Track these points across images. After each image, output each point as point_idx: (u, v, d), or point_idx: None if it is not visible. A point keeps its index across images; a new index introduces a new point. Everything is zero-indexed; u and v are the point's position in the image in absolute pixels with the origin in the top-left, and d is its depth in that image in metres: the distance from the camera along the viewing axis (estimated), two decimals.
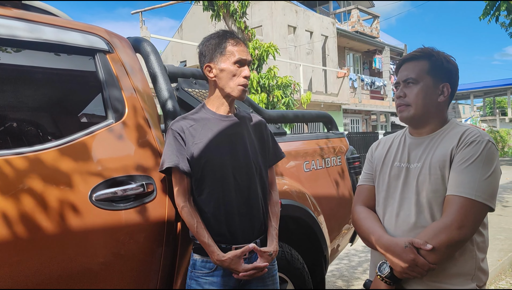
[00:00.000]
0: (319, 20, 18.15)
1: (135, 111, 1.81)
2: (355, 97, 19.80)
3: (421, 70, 1.50)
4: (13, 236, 1.37)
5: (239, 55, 1.64)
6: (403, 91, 1.53)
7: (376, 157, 1.67)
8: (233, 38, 1.67)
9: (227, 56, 1.64)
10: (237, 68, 1.65)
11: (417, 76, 1.50)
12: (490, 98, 36.93)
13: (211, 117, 1.70)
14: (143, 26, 12.15)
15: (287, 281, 2.18)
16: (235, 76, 1.65)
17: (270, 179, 1.85)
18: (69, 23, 1.76)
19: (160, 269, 1.74)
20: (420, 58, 1.52)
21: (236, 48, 1.65)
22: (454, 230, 1.33)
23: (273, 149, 1.87)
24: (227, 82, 1.65)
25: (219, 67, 1.65)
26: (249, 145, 1.72)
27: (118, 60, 1.85)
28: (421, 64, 1.51)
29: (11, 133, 1.81)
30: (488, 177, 1.36)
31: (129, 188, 1.65)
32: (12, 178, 1.41)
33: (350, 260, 4.67)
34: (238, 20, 8.00)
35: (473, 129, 1.44)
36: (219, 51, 1.65)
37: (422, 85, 1.49)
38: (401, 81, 1.54)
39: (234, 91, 1.66)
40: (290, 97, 8.68)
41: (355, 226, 1.66)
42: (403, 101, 1.52)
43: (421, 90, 1.49)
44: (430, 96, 1.49)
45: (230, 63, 1.64)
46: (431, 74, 1.50)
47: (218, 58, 1.65)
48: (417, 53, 1.54)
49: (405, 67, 1.55)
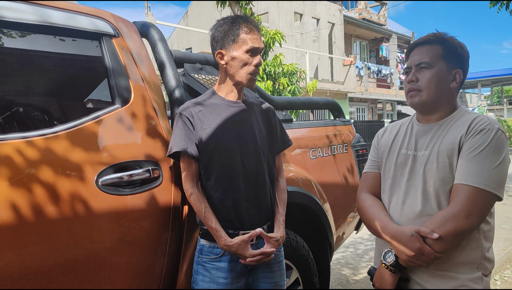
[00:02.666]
0: (326, 7, 17.97)
1: (141, 97, 1.80)
2: (361, 85, 19.67)
3: (435, 54, 1.46)
4: (20, 220, 1.37)
5: (251, 44, 1.62)
6: (415, 75, 1.48)
7: (383, 143, 1.65)
8: (247, 25, 1.64)
9: (240, 44, 1.62)
10: (249, 57, 1.63)
11: (431, 60, 1.45)
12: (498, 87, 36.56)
13: (220, 103, 1.69)
14: (149, 13, 12.08)
15: (292, 268, 2.18)
16: (246, 64, 1.63)
17: (278, 165, 1.84)
18: (74, 6, 1.74)
19: (166, 254, 1.74)
20: (433, 43, 1.48)
21: (249, 36, 1.62)
22: (462, 219, 1.31)
23: (281, 136, 1.86)
24: (238, 71, 1.64)
25: (231, 54, 1.63)
26: (257, 131, 1.71)
27: (124, 45, 1.84)
28: (435, 49, 1.47)
29: (17, 118, 1.80)
30: (497, 165, 1.34)
31: (135, 173, 1.65)
32: (18, 162, 1.41)
33: (356, 248, 4.68)
34: (244, 6, 7.92)
35: (482, 117, 1.41)
36: (231, 38, 1.63)
37: (436, 70, 1.45)
38: (413, 66, 1.49)
39: (244, 79, 1.65)
40: (296, 85, 8.65)
41: (360, 213, 1.65)
42: (415, 86, 1.48)
43: (434, 75, 1.45)
44: (443, 81, 1.46)
45: (242, 51, 1.62)
46: (445, 59, 1.46)
47: (230, 46, 1.63)
48: (431, 37, 1.49)
49: (418, 51, 1.50)
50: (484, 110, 23.12)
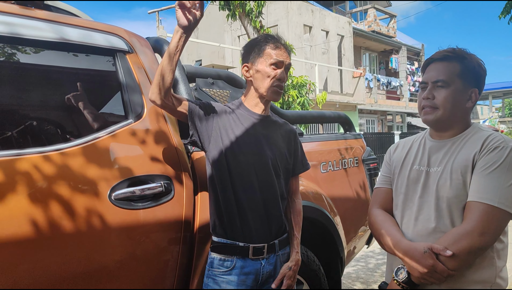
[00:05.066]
0: (335, 20, 18.05)
1: (154, 111, 1.82)
2: (371, 97, 19.63)
3: (453, 72, 1.44)
4: (33, 234, 1.39)
5: (276, 57, 1.66)
6: (431, 93, 1.46)
7: (395, 159, 1.65)
8: (274, 42, 1.69)
9: (264, 58, 1.67)
10: (272, 70, 1.66)
11: (448, 78, 1.44)
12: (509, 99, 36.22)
13: (245, 114, 1.72)
14: (160, 26, 12.25)
15: (303, 282, 2.17)
16: (269, 77, 1.66)
17: (295, 187, 1.86)
18: (89, 23, 1.78)
19: (177, 268, 1.75)
20: (452, 60, 1.46)
21: (274, 51, 1.67)
22: (476, 236, 1.30)
23: (301, 159, 1.88)
24: (262, 83, 1.67)
25: (255, 68, 1.68)
26: (276, 147, 1.73)
27: (137, 61, 1.87)
28: (452, 66, 1.45)
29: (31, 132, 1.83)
30: (511, 184, 1.32)
31: (147, 187, 1.66)
32: (32, 177, 1.43)
33: (367, 262, 4.63)
34: (254, 19, 8.00)
35: (496, 135, 1.41)
36: (257, 53, 1.68)
37: (453, 89, 1.44)
38: (430, 82, 1.47)
39: (267, 92, 1.67)
40: (305, 97, 8.66)
41: (371, 229, 1.64)
42: (430, 103, 1.46)
43: (451, 94, 1.43)
44: (459, 101, 1.44)
45: (267, 64, 1.66)
46: (462, 78, 1.44)
47: (255, 59, 1.68)
48: (449, 54, 1.47)
49: (435, 67, 1.48)
50: (496, 122, 22.87)
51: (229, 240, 1.63)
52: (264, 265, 1.65)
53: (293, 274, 1.71)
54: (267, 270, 1.67)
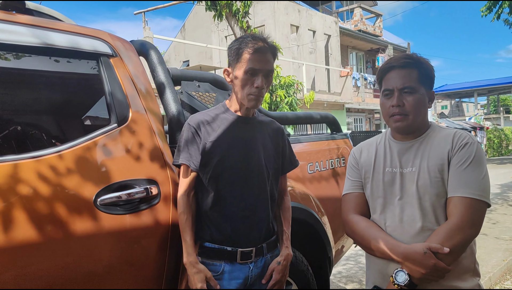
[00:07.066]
0: (322, 19, 18.13)
1: (139, 115, 1.81)
2: (358, 96, 19.77)
3: (416, 79, 1.50)
4: (18, 240, 1.37)
5: (251, 65, 1.58)
6: (401, 100, 1.50)
7: (364, 163, 1.65)
8: (253, 45, 1.59)
9: (242, 64, 1.59)
10: (248, 78, 1.59)
11: (414, 85, 1.49)
12: (494, 96, 36.78)
13: (230, 118, 1.69)
14: (146, 27, 12.16)
15: (291, 283, 2.17)
16: (246, 85, 1.60)
17: (283, 185, 1.86)
18: (72, 27, 1.77)
19: (164, 272, 1.74)
20: (412, 66, 1.51)
21: (251, 56, 1.58)
22: (467, 230, 1.38)
23: (289, 156, 1.86)
24: (239, 90, 1.63)
25: (234, 74, 1.63)
26: (263, 149, 1.71)
27: (121, 64, 1.86)
28: (414, 73, 1.50)
29: (15, 137, 1.81)
30: (484, 176, 1.42)
31: (133, 192, 1.65)
32: (17, 182, 1.41)
33: (356, 261, 4.66)
34: (241, 19, 7.99)
35: (461, 132, 1.50)
36: (236, 57, 1.62)
37: (419, 94, 1.50)
38: (397, 89, 1.50)
39: (245, 100, 1.63)
40: (293, 96, 8.69)
41: (353, 236, 1.62)
42: (401, 110, 1.49)
43: (418, 100, 1.50)
44: (424, 104, 1.52)
45: (242, 72, 1.59)
46: (422, 83, 1.51)
47: (234, 64, 1.63)
48: (409, 60, 1.51)
49: (398, 74, 1.51)
50: (481, 119, 23.16)
51: (216, 245, 1.63)
52: (252, 269, 1.65)
53: (282, 268, 1.71)
54: (255, 273, 1.67)
